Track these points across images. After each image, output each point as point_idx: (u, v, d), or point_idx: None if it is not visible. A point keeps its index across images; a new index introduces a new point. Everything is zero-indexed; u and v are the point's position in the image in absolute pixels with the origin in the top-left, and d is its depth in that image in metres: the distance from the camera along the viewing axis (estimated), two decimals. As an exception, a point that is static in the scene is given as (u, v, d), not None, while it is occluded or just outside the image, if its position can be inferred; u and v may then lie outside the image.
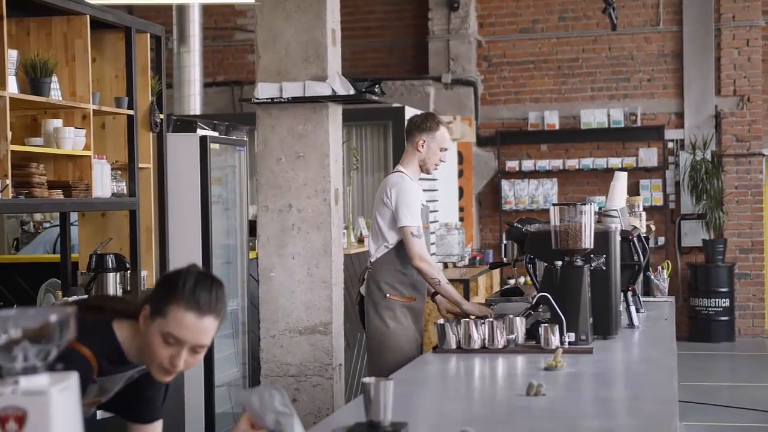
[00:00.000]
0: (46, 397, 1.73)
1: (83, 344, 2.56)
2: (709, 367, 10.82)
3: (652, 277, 6.37)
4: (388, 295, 5.12)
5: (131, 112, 5.52)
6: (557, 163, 12.62)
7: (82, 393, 2.58)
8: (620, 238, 4.78)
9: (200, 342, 2.54)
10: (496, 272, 11.11)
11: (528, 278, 11.92)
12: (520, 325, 4.32)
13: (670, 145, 12.54)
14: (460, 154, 12.21)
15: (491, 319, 4.29)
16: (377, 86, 6.06)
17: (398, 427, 2.76)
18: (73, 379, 1.81)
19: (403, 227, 5.04)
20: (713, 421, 8.14)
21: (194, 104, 10.74)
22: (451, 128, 5.51)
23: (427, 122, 5.24)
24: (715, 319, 12.07)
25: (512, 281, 12.08)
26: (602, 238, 4.53)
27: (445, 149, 5.25)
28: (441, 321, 4.35)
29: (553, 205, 4.47)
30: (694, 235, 12.39)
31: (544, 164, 12.66)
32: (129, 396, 2.76)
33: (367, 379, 2.73)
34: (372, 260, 5.23)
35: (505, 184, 12.74)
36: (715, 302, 12.05)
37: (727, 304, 12.07)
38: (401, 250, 5.13)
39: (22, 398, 1.73)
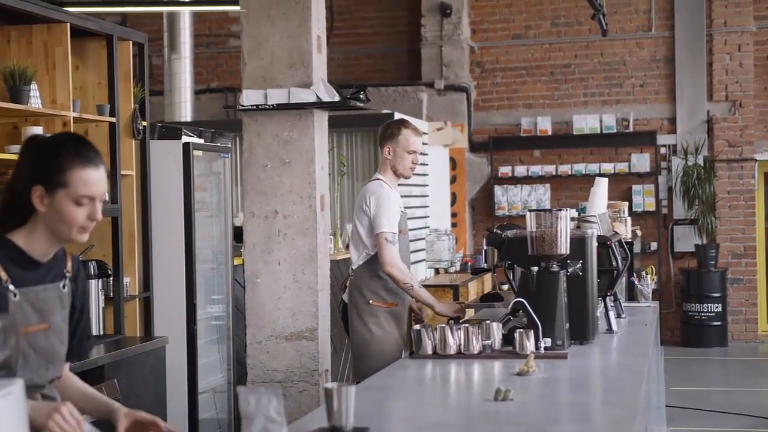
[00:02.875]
0: (-13, 403, 1.75)
1: None
2: (701, 372, 10.83)
3: (636, 282, 6.38)
4: (371, 301, 5.22)
5: (113, 119, 5.54)
6: (550, 169, 12.63)
7: (2, 305, 2.59)
8: (598, 244, 4.80)
9: (104, 189, 2.72)
10: (488, 278, 11.12)
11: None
12: (497, 330, 4.33)
13: (663, 150, 12.56)
14: (453, 160, 12.24)
15: (467, 325, 4.30)
16: (362, 93, 6.07)
17: (359, 432, 2.78)
18: (17, 385, 1.83)
19: (378, 233, 5.14)
20: (704, 426, 8.15)
21: (185, 111, 10.77)
22: (419, 129, 5.53)
23: (388, 129, 5.36)
24: (707, 324, 12.07)
25: (505, 287, 12.09)
26: (579, 243, 4.54)
27: (413, 152, 5.32)
28: (417, 326, 4.36)
29: (530, 210, 4.49)
30: (686, 240, 12.41)
31: (536, 170, 12.68)
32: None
33: (328, 385, 2.75)
34: (354, 267, 5.31)
35: (498, 190, 12.76)
36: (708, 307, 12.06)
37: (720, 309, 12.08)
38: None
39: (-37, 404, 1.74)
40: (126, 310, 5.70)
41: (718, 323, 12.10)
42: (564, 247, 4.40)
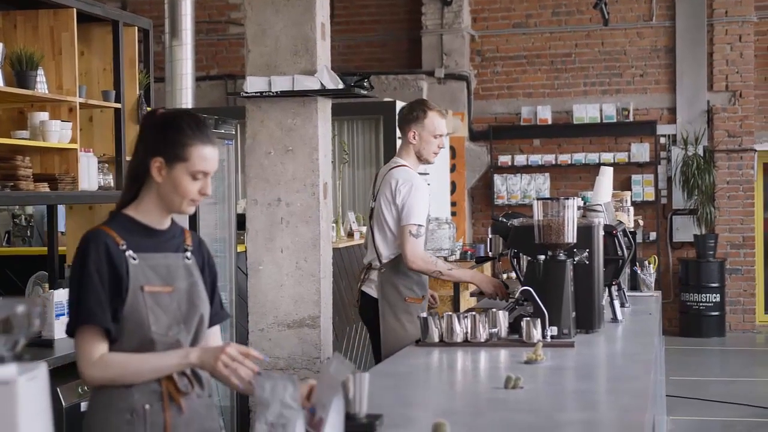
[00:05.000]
0: (13, 387, 1.75)
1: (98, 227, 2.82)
2: (699, 362, 10.85)
3: (639, 272, 6.39)
4: (407, 298, 5.04)
5: (118, 105, 5.53)
6: (549, 158, 12.64)
7: (120, 267, 2.74)
8: (604, 233, 4.80)
9: (216, 167, 2.85)
10: (488, 266, 11.14)
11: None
12: (503, 318, 4.33)
13: (662, 140, 12.56)
14: (452, 149, 12.24)
15: (474, 313, 4.31)
16: (366, 81, 6.07)
17: (373, 419, 2.78)
18: (41, 369, 1.83)
19: (404, 225, 4.92)
20: (703, 416, 8.17)
21: (186, 98, 10.69)
22: (445, 112, 5.35)
23: (413, 112, 5.11)
24: (705, 314, 12.10)
25: (505, 276, 12.11)
26: (585, 232, 4.54)
27: (439, 135, 5.11)
28: (424, 314, 4.37)
29: (537, 199, 4.48)
30: (685, 230, 12.43)
31: (536, 159, 12.69)
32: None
33: (343, 372, 2.76)
34: (383, 261, 5.08)
35: (498, 179, 12.76)
36: (706, 297, 12.09)
37: (718, 299, 12.11)
38: None
39: (-12, 388, 1.74)
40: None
41: (717, 313, 12.13)
42: (571, 236, 4.40)
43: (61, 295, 5.07)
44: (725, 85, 12.42)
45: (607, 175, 5.51)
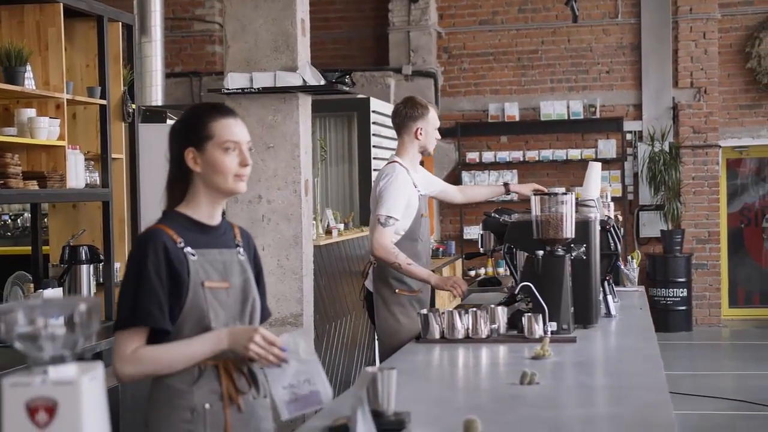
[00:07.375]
0: (76, 387, 1.71)
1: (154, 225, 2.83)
2: (667, 357, 10.83)
3: (622, 267, 6.42)
4: (397, 290, 5.09)
5: (104, 101, 5.45)
6: (517, 155, 12.68)
7: (180, 265, 2.73)
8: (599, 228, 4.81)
9: (247, 137, 2.84)
10: (459, 263, 11.17)
11: (491, 269, 11.96)
12: (502, 314, 4.33)
13: (629, 136, 12.65)
14: (420, 146, 12.20)
15: (475, 309, 4.29)
16: (347, 77, 6.05)
17: (402, 416, 2.76)
18: (99, 369, 1.79)
19: (374, 214, 5.02)
20: (679, 410, 8.22)
21: (156, 95, 10.64)
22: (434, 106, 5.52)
23: (417, 109, 5.22)
24: (672, 309, 12.21)
25: (472, 273, 12.14)
26: (582, 227, 4.55)
27: (437, 127, 5.32)
28: (424, 311, 4.35)
29: (535, 194, 4.48)
30: (652, 225, 12.53)
31: (504, 156, 12.72)
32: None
33: (371, 369, 2.73)
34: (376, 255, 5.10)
35: (466, 176, 12.78)
36: (673, 292, 12.20)
37: (685, 293, 12.22)
38: (405, 243, 5.07)
39: (51, 388, 1.71)
40: (116, 295, 5.61)
41: (683, 308, 12.25)
42: (569, 231, 4.40)
43: (51, 295, 4.99)
44: (690, 82, 12.53)
45: (595, 171, 5.52)
